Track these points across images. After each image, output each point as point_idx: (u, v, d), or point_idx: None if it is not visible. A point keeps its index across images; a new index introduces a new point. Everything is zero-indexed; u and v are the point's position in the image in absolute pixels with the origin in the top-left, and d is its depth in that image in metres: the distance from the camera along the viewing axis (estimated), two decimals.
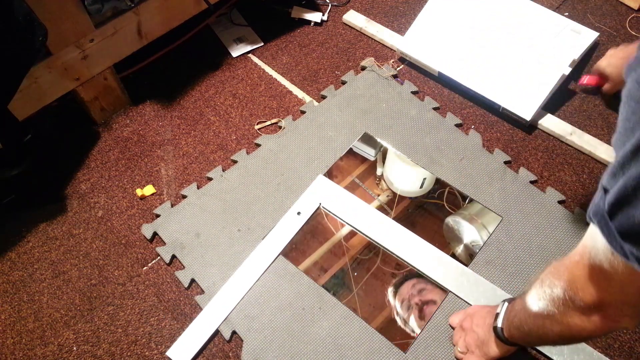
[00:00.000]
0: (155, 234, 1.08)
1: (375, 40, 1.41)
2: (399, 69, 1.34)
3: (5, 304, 1.00)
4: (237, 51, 1.39)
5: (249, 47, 1.40)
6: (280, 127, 1.23)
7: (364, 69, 1.34)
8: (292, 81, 1.33)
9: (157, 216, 1.10)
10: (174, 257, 1.05)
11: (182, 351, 0.93)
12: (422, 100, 1.26)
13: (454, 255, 1.02)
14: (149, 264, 1.05)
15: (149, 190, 1.14)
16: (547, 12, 1.28)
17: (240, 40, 1.41)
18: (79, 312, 0.99)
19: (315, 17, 1.44)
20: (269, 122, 1.25)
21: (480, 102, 1.25)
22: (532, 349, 0.91)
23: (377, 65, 1.34)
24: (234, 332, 0.95)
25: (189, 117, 1.27)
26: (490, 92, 1.21)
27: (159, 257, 1.05)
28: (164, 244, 1.06)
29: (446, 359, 0.91)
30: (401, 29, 1.40)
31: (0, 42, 0.86)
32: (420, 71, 1.33)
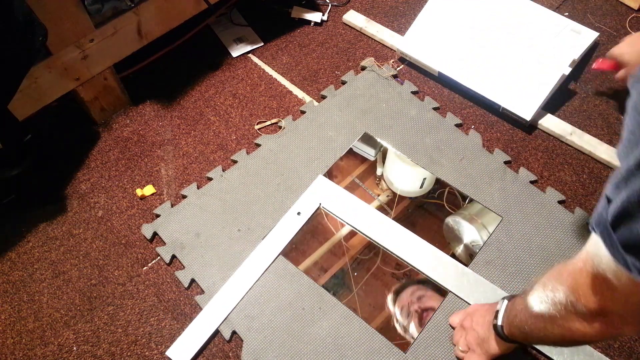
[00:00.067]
0: (155, 234, 1.08)
1: (375, 40, 1.41)
2: (399, 69, 1.34)
3: (5, 304, 1.00)
4: (237, 51, 1.39)
5: (249, 47, 1.40)
6: (280, 127, 1.23)
7: (364, 69, 1.34)
8: (292, 81, 1.33)
9: (157, 216, 1.10)
10: (174, 257, 1.05)
11: (182, 351, 0.93)
12: (422, 100, 1.26)
13: (454, 255, 1.02)
14: (149, 264, 1.05)
15: (149, 190, 1.14)
16: (547, 12, 1.28)
17: (240, 40, 1.41)
18: (79, 312, 0.99)
19: (315, 17, 1.44)
20: (269, 122, 1.25)
21: (480, 102, 1.25)
22: (532, 348, 0.91)
23: (377, 65, 1.34)
24: (234, 332, 0.95)
25: (189, 117, 1.27)
26: (490, 92, 1.21)
27: (159, 257, 1.05)
28: (164, 244, 1.06)
29: (446, 359, 0.91)
30: (401, 29, 1.40)
31: (0, 42, 0.86)
32: (420, 71, 1.33)
